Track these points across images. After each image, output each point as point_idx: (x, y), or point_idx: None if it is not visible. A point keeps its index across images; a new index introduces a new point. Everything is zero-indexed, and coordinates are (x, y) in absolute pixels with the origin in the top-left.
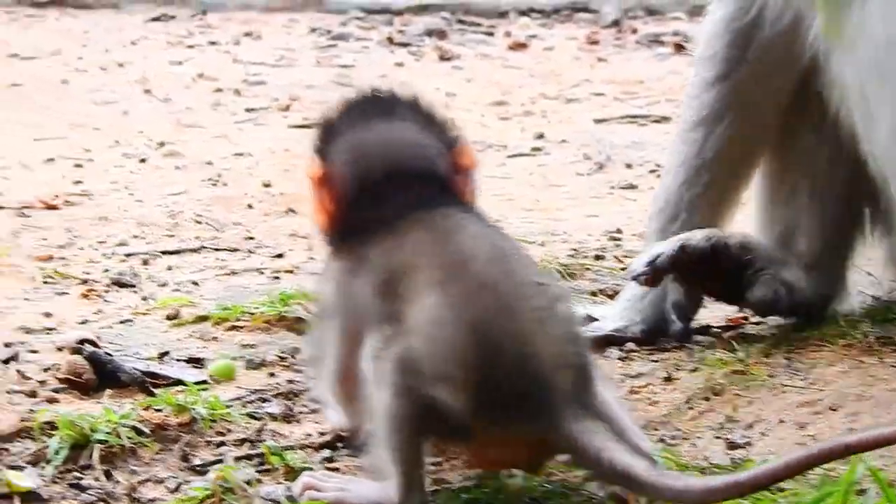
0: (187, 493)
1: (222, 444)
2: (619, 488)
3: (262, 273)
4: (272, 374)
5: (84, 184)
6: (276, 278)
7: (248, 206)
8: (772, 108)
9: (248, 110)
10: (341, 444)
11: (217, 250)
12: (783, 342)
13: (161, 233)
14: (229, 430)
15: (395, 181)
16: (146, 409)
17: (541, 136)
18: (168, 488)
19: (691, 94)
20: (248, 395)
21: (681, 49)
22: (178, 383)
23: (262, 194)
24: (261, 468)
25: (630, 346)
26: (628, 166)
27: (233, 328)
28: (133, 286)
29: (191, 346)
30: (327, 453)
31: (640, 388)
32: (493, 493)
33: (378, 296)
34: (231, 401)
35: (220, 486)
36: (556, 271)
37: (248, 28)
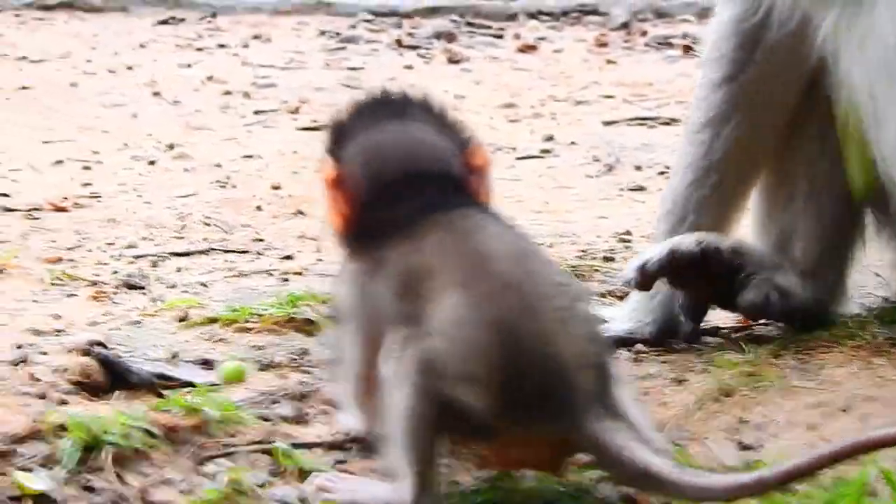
0: (199, 496)
1: (233, 445)
2: (631, 490)
3: (271, 275)
4: (282, 376)
5: (93, 186)
6: (285, 280)
7: (257, 208)
8: (779, 110)
9: (257, 113)
10: (353, 445)
11: (226, 252)
12: (793, 343)
13: (170, 235)
14: (240, 432)
15: (410, 182)
16: (157, 410)
17: (550, 139)
18: (179, 490)
19: (699, 95)
20: (259, 397)
21: (690, 51)
22: (188, 385)
23: (271, 196)
24: (272, 470)
25: (639, 347)
26: (637, 168)
27: (242, 330)
28: (142, 288)
29: (200, 348)
30: (339, 455)
31: (650, 389)
32: (506, 493)
33: (397, 297)
34: (241, 402)
35: (232, 489)
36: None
37: (258, 31)
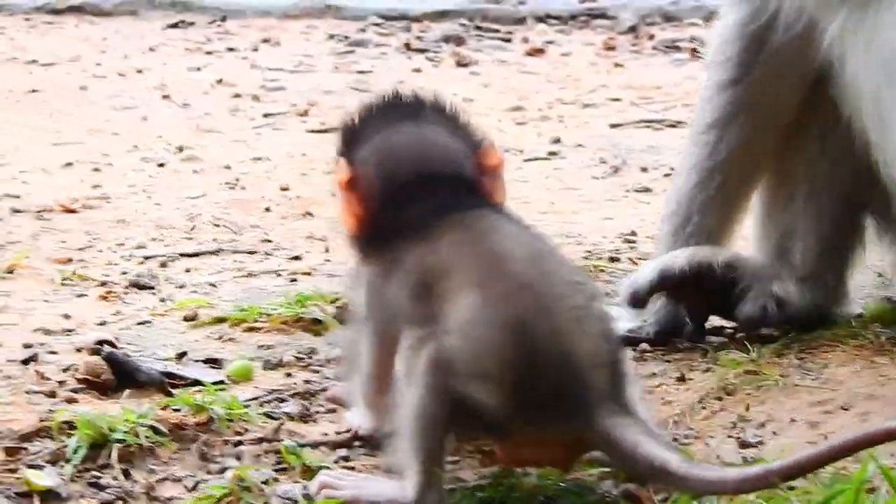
0: (205, 492)
1: (240, 443)
2: (633, 486)
3: (280, 275)
4: (289, 375)
5: (103, 188)
6: (294, 280)
7: (266, 209)
8: (783, 112)
9: (266, 115)
10: (358, 443)
11: (235, 253)
12: (795, 342)
13: (179, 235)
14: (247, 430)
15: (424, 184)
16: (164, 408)
17: (557, 141)
18: (186, 487)
19: (704, 97)
20: (266, 395)
21: (697, 55)
22: (196, 383)
23: (280, 198)
24: (278, 467)
25: (644, 346)
26: (643, 170)
27: (250, 329)
28: (151, 288)
29: (209, 347)
30: (344, 452)
31: (653, 387)
32: (508, 491)
33: (412, 298)
34: (248, 401)
35: (238, 485)
36: None
37: (267, 34)
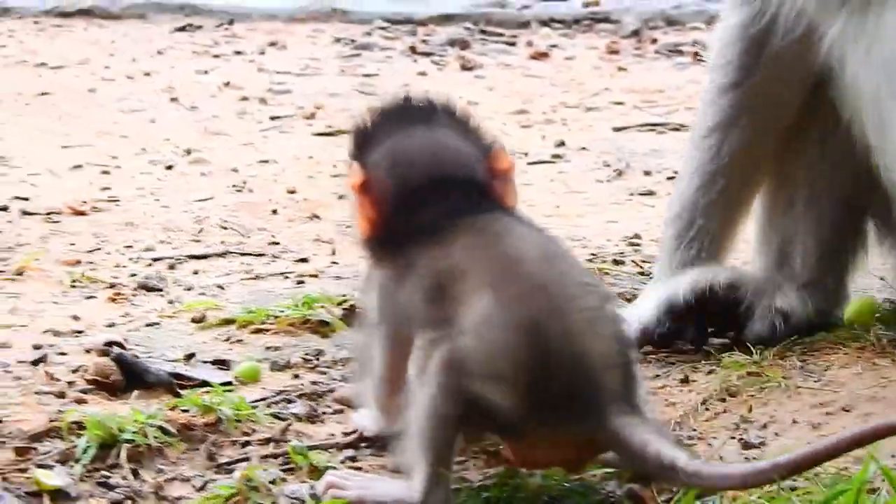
0: (213, 492)
1: (247, 443)
2: (636, 486)
3: (287, 277)
4: (296, 376)
5: (111, 190)
6: (301, 282)
7: (273, 211)
8: (785, 115)
9: (273, 118)
10: (364, 444)
11: (242, 255)
12: (797, 345)
13: (187, 238)
14: (254, 430)
15: (437, 187)
16: (173, 409)
17: (561, 144)
18: (194, 487)
19: (706, 100)
20: (273, 396)
21: (700, 58)
22: (204, 384)
23: (287, 200)
24: (285, 467)
25: (648, 348)
26: (647, 173)
27: (258, 331)
28: (160, 290)
29: (216, 349)
30: (351, 453)
31: (657, 389)
32: (513, 491)
33: (426, 301)
34: (256, 401)
35: (246, 485)
36: None
37: (274, 38)
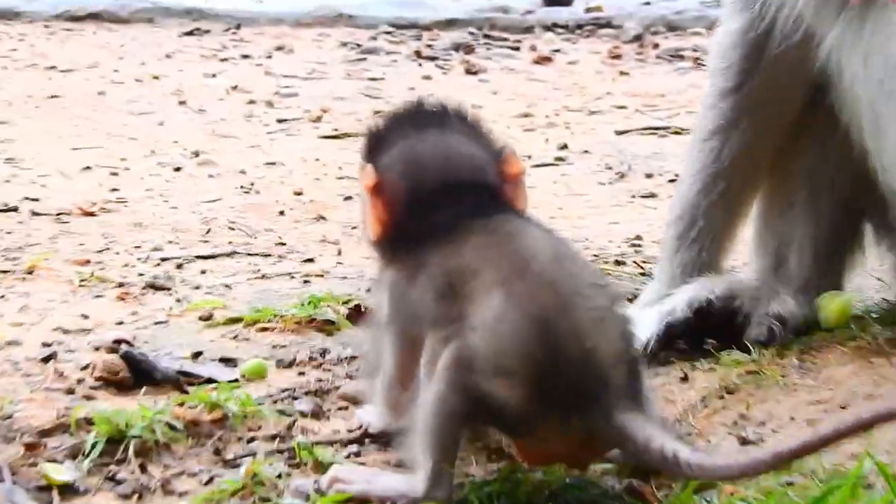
0: (219, 486)
1: (253, 439)
2: (636, 481)
3: (293, 277)
4: (302, 374)
5: (120, 191)
6: (306, 282)
7: (280, 213)
8: (785, 118)
9: (280, 121)
10: (368, 439)
11: (249, 255)
12: (795, 344)
13: (195, 238)
14: (260, 427)
15: (449, 190)
16: (180, 405)
17: (564, 147)
18: (201, 481)
19: (706, 103)
20: (279, 393)
21: (701, 63)
22: (211, 382)
23: (294, 202)
24: (291, 463)
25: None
26: (648, 176)
27: (264, 329)
28: (168, 289)
29: (223, 347)
30: (355, 448)
31: (657, 387)
32: (515, 486)
33: (438, 299)
34: (262, 398)
35: (252, 480)
36: None
37: (280, 42)
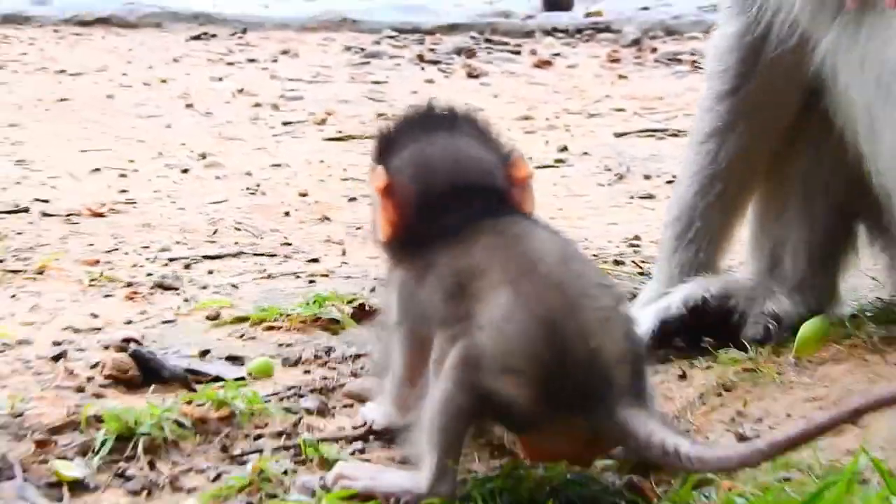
0: (227, 483)
1: (260, 436)
2: (636, 478)
3: (299, 277)
4: (307, 372)
5: (129, 193)
6: (312, 282)
7: (285, 213)
8: (781, 120)
9: (285, 124)
10: (373, 436)
11: (255, 255)
12: (791, 342)
13: (202, 239)
14: (267, 424)
15: (459, 193)
16: (188, 403)
17: (564, 149)
18: (208, 478)
19: (704, 106)
20: (285, 391)
21: (698, 67)
22: (218, 380)
23: (299, 203)
24: (297, 459)
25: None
26: (647, 177)
27: (270, 328)
28: (176, 289)
29: (230, 345)
30: (360, 445)
31: (656, 384)
32: (517, 482)
33: (446, 299)
34: (268, 396)
35: (258, 477)
36: None
37: (286, 46)
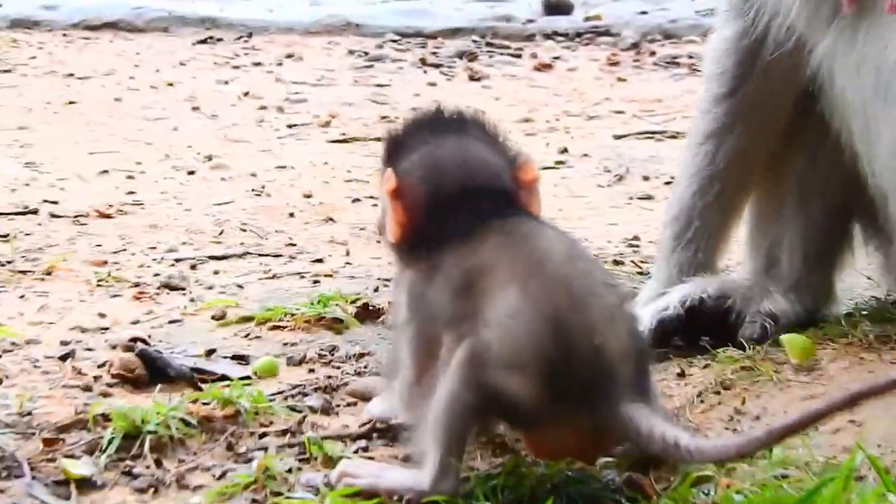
0: (232, 480)
1: (265, 434)
2: (635, 475)
3: (303, 277)
4: (312, 371)
5: (136, 194)
6: (316, 282)
7: (290, 214)
8: (778, 123)
9: (290, 126)
10: (377, 434)
11: (261, 256)
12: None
13: (208, 239)
14: (272, 422)
15: (467, 195)
16: (194, 402)
17: (564, 151)
18: (214, 476)
19: (702, 108)
20: (290, 390)
21: (696, 70)
22: (224, 379)
23: (303, 204)
24: (301, 457)
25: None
26: (646, 178)
27: (275, 328)
28: (182, 289)
29: (236, 345)
30: (363, 443)
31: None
32: (518, 479)
33: (455, 296)
34: (273, 395)
35: (263, 474)
36: None
37: (291, 50)
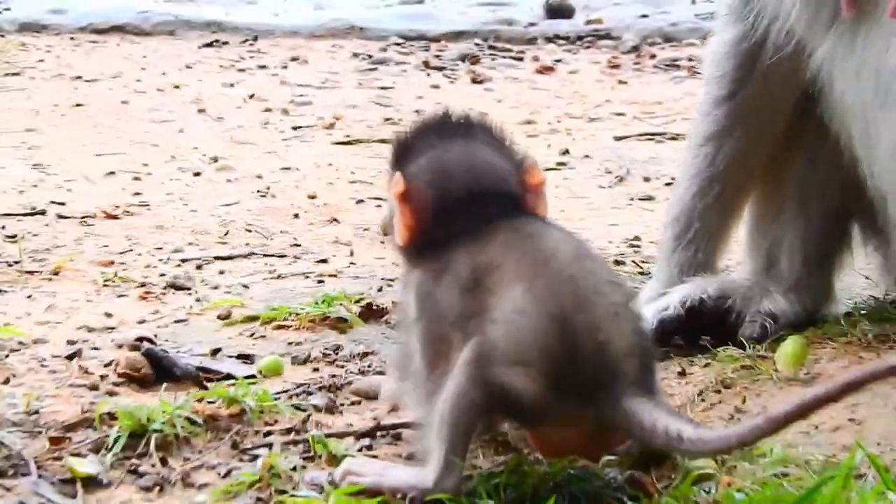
0: (237, 479)
1: (270, 433)
2: (636, 473)
3: (308, 277)
4: (316, 370)
5: (142, 195)
6: (321, 282)
7: (295, 215)
8: (778, 126)
9: (295, 128)
10: (381, 433)
11: (266, 256)
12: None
13: (214, 240)
14: (276, 421)
15: (474, 198)
16: (199, 401)
17: (566, 152)
18: (219, 474)
19: (702, 110)
20: (294, 389)
21: (696, 72)
22: (229, 378)
23: (308, 205)
24: (305, 455)
25: None
26: (646, 179)
27: (280, 327)
28: (188, 289)
29: (241, 344)
30: (367, 441)
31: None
32: (520, 477)
33: (462, 295)
34: (278, 393)
35: (268, 472)
36: None
37: (295, 53)
